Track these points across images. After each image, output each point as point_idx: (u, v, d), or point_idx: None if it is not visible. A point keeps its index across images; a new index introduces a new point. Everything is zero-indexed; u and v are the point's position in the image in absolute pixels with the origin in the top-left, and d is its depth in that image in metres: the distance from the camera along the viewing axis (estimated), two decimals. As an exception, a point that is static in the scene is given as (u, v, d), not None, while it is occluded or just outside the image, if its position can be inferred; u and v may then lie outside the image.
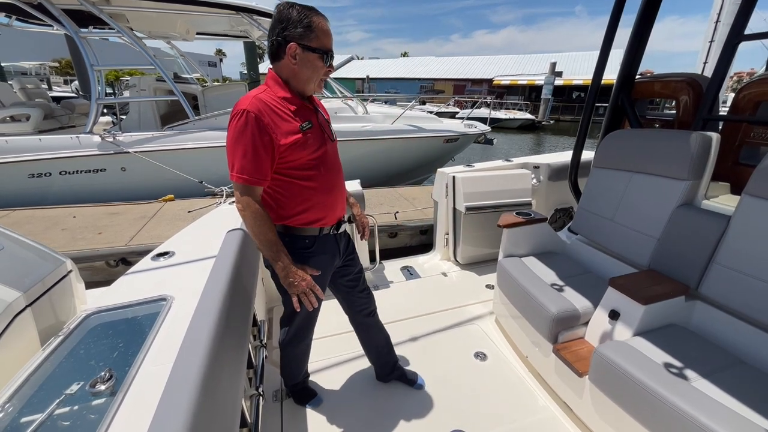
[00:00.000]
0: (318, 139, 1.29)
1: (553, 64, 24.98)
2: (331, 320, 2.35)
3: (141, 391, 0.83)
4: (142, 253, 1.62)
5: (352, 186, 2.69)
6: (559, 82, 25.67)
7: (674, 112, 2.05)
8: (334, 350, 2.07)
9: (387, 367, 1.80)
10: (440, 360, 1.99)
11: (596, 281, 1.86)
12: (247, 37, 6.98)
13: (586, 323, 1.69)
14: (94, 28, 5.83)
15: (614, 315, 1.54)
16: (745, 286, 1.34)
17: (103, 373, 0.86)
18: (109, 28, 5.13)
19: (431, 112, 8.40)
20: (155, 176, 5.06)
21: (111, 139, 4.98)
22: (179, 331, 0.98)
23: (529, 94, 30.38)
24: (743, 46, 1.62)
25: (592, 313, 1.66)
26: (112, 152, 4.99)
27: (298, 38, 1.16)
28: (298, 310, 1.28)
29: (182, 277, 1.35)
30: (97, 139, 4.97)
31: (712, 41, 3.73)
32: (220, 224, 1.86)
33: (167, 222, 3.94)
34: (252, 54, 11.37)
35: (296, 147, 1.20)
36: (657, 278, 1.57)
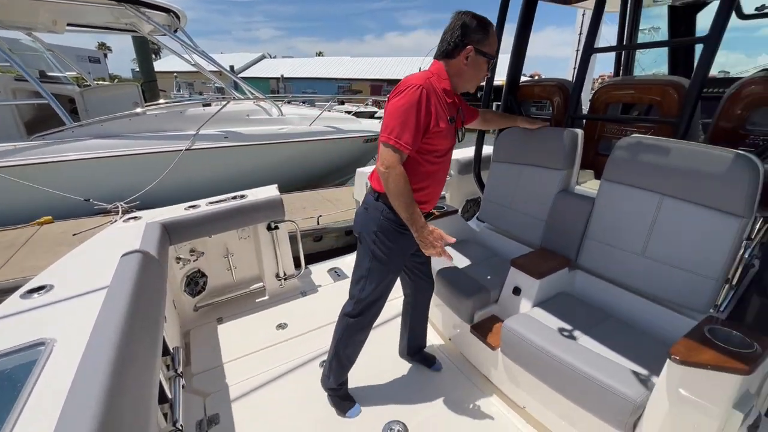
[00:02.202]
0: (453, 134, 1.46)
1: (460, 66, 26.92)
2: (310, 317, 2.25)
3: None
4: (11, 291, 1.34)
5: (269, 192, 2.59)
6: (465, 82, 27.78)
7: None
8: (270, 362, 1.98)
9: (414, 348, 1.97)
10: (373, 356, 2.03)
11: (502, 263, 2.09)
12: (135, 31, 6.17)
13: (497, 301, 1.90)
14: None
15: (517, 291, 1.75)
16: (607, 254, 1.64)
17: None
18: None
19: (350, 113, 8.45)
20: (24, 196, 4.21)
21: (-47, 154, 4.00)
22: (64, 381, 0.84)
23: (441, 93, 32.27)
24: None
25: (500, 291, 1.86)
26: (-44, 170, 4.01)
27: (476, 43, 1.33)
28: (451, 260, 1.40)
29: (65, 315, 1.16)
30: (-69, 154, 3.95)
31: (577, 50, 4.43)
32: (113, 247, 1.64)
33: (45, 249, 3.32)
34: (144, 50, 10.00)
35: (440, 135, 1.35)
36: (547, 255, 1.83)
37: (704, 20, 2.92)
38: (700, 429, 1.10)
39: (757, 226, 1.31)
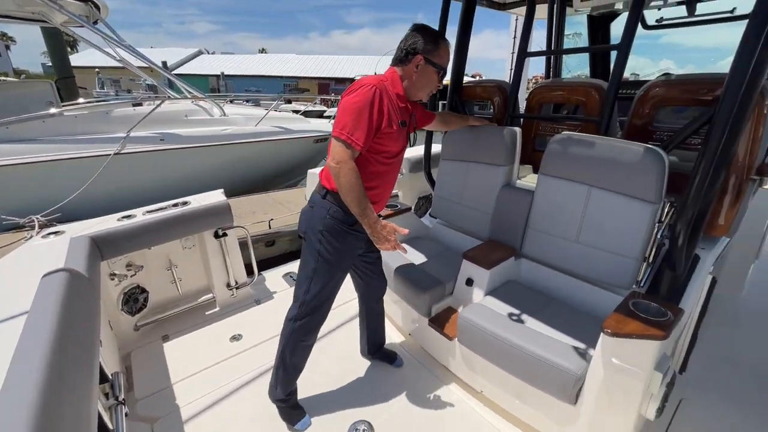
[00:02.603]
0: (404, 138, 1.50)
1: (406, 66, 27.34)
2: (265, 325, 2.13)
3: None
4: None
5: (215, 197, 2.45)
6: (412, 81, 28.19)
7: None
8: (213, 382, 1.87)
9: (375, 346, 1.98)
10: (335, 358, 2.02)
11: (455, 256, 2.17)
12: (45, 21, 5.44)
13: (452, 293, 1.97)
14: None
15: (469, 282, 1.84)
16: (547, 242, 1.79)
17: None
18: None
19: (297, 112, 8.24)
20: None
21: None
22: None
23: (388, 92, 32.53)
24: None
25: (455, 283, 1.94)
26: None
27: (426, 53, 1.39)
28: (405, 252, 1.45)
29: None
30: None
31: (513, 53, 4.76)
32: (31, 267, 1.45)
33: (-61, 274, 2.82)
34: (57, 43, 8.78)
35: (390, 137, 1.39)
36: (495, 246, 1.94)
37: (618, 29, 3.28)
38: (630, 391, 1.25)
39: (666, 210, 1.50)
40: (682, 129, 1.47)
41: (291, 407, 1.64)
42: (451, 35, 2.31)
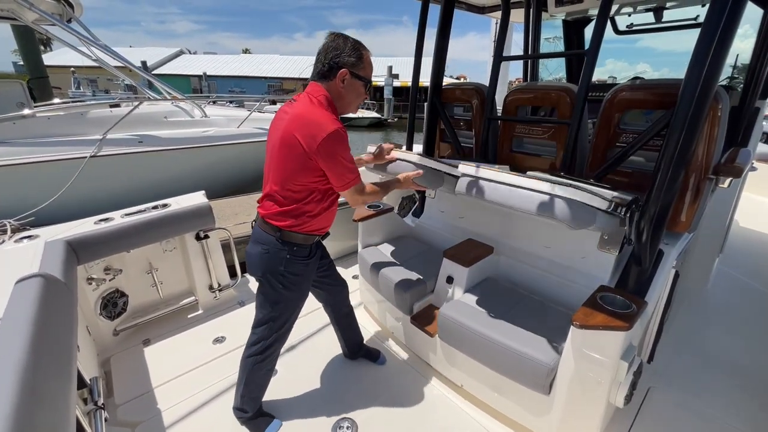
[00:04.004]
0: None
1: (390, 67, 27.50)
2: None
3: None
4: None
5: (196, 199, 2.43)
6: (397, 83, 28.34)
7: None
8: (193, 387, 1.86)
9: (355, 346, 2.00)
10: (321, 358, 2.04)
11: (436, 255, 2.21)
12: (15, 19, 5.25)
13: (433, 291, 2.02)
14: None
15: (450, 280, 1.89)
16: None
17: None
18: None
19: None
20: None
21: None
22: None
23: (373, 94, 32.72)
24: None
25: (436, 281, 1.99)
26: None
27: (350, 66, 1.35)
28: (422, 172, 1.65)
29: None
30: None
31: (493, 56, 4.83)
32: (3, 272, 1.42)
33: None
34: (29, 41, 8.44)
35: None
36: (474, 245, 2.00)
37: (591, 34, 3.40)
38: (599, 380, 1.32)
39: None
40: (645, 131, 1.55)
41: (256, 415, 1.63)
42: (431, 37, 2.38)
